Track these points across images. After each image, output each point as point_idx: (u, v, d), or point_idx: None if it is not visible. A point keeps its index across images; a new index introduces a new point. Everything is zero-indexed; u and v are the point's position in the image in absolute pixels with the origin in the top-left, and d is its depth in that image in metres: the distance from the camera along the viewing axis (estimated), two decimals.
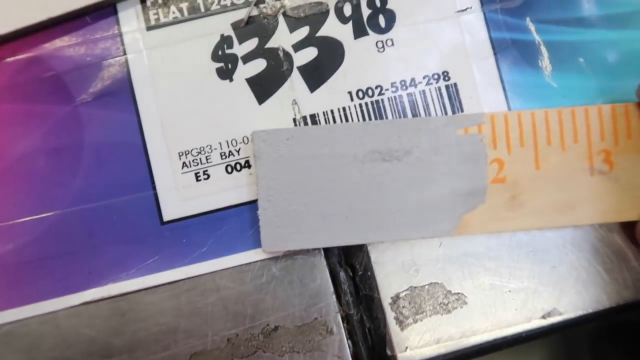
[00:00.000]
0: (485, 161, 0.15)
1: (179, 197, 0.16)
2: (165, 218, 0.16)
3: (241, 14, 0.17)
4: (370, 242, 0.16)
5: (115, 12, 0.17)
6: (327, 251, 0.16)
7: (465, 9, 0.17)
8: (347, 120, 0.16)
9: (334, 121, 0.16)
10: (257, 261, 0.16)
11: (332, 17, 0.17)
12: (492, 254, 0.17)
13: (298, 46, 0.17)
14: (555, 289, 0.16)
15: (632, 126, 0.15)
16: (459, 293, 0.16)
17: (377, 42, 0.17)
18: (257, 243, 0.16)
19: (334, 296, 0.16)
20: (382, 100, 0.16)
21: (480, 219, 0.15)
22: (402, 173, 0.15)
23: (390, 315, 0.16)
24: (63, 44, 0.16)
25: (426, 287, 0.16)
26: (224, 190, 0.16)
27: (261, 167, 0.15)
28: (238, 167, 0.16)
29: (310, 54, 0.17)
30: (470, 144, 0.15)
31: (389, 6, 0.17)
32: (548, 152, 0.15)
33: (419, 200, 0.15)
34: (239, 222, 0.16)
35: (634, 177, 0.15)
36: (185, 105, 0.16)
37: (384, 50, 0.17)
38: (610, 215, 0.16)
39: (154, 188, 0.16)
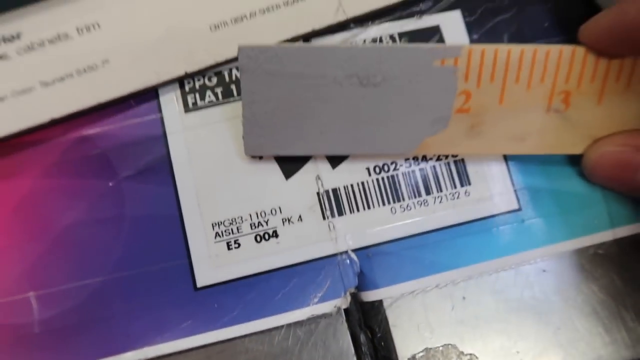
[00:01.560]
0: (455, 93, 0.16)
1: (211, 264, 0.18)
2: (199, 284, 0.17)
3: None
4: (339, 153, 0.17)
5: (157, 96, 0.19)
6: (348, 315, 0.18)
7: None
8: (365, 194, 0.18)
9: (354, 195, 0.18)
10: (283, 325, 0.17)
11: None
12: (500, 317, 0.18)
13: None
14: (560, 349, 0.18)
15: (597, 70, 0.16)
16: (471, 354, 0.18)
17: None
18: (283, 308, 0.17)
19: (354, 357, 0.17)
20: (397, 175, 0.18)
21: (439, 142, 0.17)
22: (377, 98, 0.16)
23: None
24: (109, 125, 0.18)
25: (440, 348, 0.18)
26: (253, 259, 0.18)
27: (245, 82, 0.16)
28: (266, 236, 0.18)
29: None
30: (444, 75, 0.16)
31: None
32: (514, 90, 0.16)
33: (387, 122, 0.16)
34: (266, 288, 0.17)
35: (585, 116, 0.17)
36: (219, 180, 0.18)
37: None
38: (555, 148, 0.17)
39: (189, 256, 0.18)
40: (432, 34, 0.19)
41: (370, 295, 0.18)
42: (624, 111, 0.17)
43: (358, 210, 0.18)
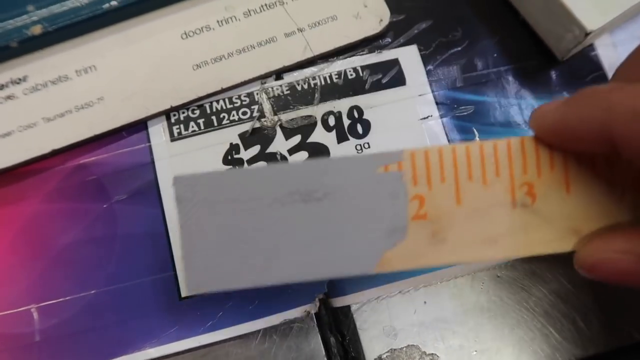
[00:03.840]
0: (406, 199, 0.15)
1: None
2: (183, 295, 0.19)
3: (246, 127, 0.21)
4: (291, 281, 0.15)
5: (146, 128, 0.21)
6: (319, 320, 0.19)
7: (427, 117, 0.21)
8: None
9: None
10: (260, 330, 0.19)
11: (319, 127, 0.21)
12: (459, 319, 0.20)
13: (292, 151, 0.21)
14: (515, 348, 0.19)
15: (554, 157, 0.15)
16: (432, 354, 0.19)
17: (356, 145, 0.21)
18: (258, 315, 0.19)
19: (325, 358, 0.19)
20: None
21: (401, 255, 0.15)
22: (322, 214, 0.15)
23: None
24: (104, 154, 0.21)
25: (404, 349, 0.19)
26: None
27: (182, 212, 0.15)
28: None
29: (302, 156, 0.21)
30: (390, 182, 0.15)
31: (365, 117, 0.21)
32: (469, 187, 0.15)
33: (339, 239, 0.15)
34: (244, 297, 0.19)
35: (557, 208, 0.15)
36: None
37: (362, 150, 0.21)
38: (535, 247, 0.15)
39: (174, 269, 0.19)
40: (392, 65, 0.22)
41: (339, 301, 0.20)
42: (599, 195, 0.15)
43: None
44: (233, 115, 0.21)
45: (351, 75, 0.22)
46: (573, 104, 0.14)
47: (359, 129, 0.21)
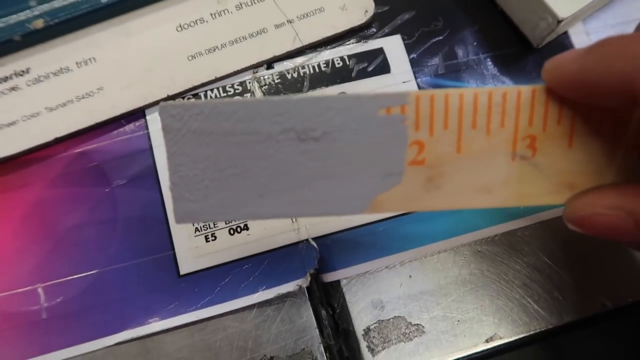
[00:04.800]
0: (405, 144, 0.14)
1: (192, 255, 0.20)
2: (182, 272, 0.20)
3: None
4: (282, 216, 0.15)
5: (144, 116, 0.22)
6: (311, 294, 0.20)
7: None
8: None
9: None
10: (254, 304, 0.20)
11: None
12: (442, 291, 0.21)
13: None
14: (495, 317, 0.20)
15: (563, 111, 0.14)
16: (418, 324, 0.20)
17: None
18: (254, 290, 0.20)
19: (317, 330, 0.20)
20: None
21: (394, 199, 0.15)
22: (318, 154, 0.14)
23: (363, 345, 0.20)
24: (104, 142, 0.22)
25: (391, 320, 0.20)
26: (227, 249, 0.21)
27: (170, 143, 0.14)
28: (239, 229, 0.21)
29: None
30: (391, 126, 0.14)
31: None
32: (472, 136, 0.14)
33: (333, 180, 0.14)
34: (239, 274, 0.20)
35: (556, 162, 0.15)
36: None
37: None
38: (527, 199, 0.15)
39: (173, 249, 0.21)
40: (377, 54, 0.23)
41: (329, 277, 0.21)
42: (600, 154, 0.15)
43: None
44: None
45: (338, 64, 0.23)
46: (595, 53, 0.13)
47: None
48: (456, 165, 0.15)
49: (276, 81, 0.22)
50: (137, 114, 0.22)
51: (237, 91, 0.22)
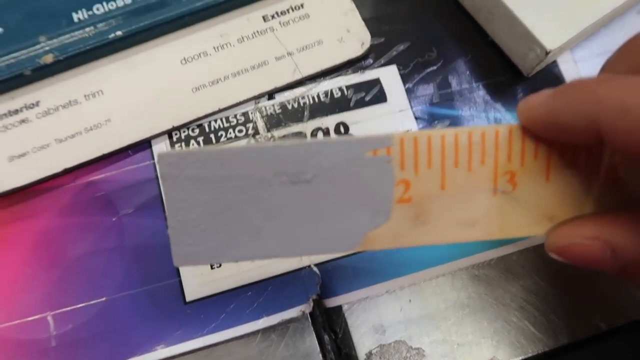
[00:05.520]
0: (392, 183, 0.15)
1: (197, 282, 0.21)
2: (188, 299, 0.21)
3: (242, 143, 0.23)
4: (277, 257, 0.16)
5: (150, 146, 0.23)
6: (313, 319, 0.21)
7: (407, 131, 0.23)
8: None
9: None
10: (259, 330, 0.21)
11: None
12: (442, 315, 0.21)
13: None
14: (494, 340, 0.21)
15: (539, 147, 0.15)
16: (418, 348, 0.21)
17: None
18: (258, 315, 0.21)
19: (320, 355, 0.20)
20: None
21: (383, 236, 0.15)
22: (310, 195, 0.15)
23: None
24: (111, 172, 0.22)
25: (392, 344, 0.21)
26: (232, 276, 0.21)
27: (167, 189, 0.15)
28: None
29: None
30: (378, 166, 0.15)
31: (350, 132, 0.23)
32: (455, 173, 0.15)
33: (325, 220, 0.15)
34: (243, 300, 0.21)
35: (535, 195, 0.16)
36: None
37: None
38: (509, 231, 0.16)
39: (179, 276, 0.21)
40: (374, 84, 0.24)
41: (331, 302, 0.21)
42: (576, 186, 0.16)
43: None
44: (230, 133, 0.23)
45: (337, 94, 0.24)
46: (561, 97, 0.14)
47: None
48: (441, 201, 0.15)
49: (277, 111, 0.23)
50: (144, 145, 0.23)
51: (239, 121, 0.23)
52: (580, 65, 0.24)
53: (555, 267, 0.22)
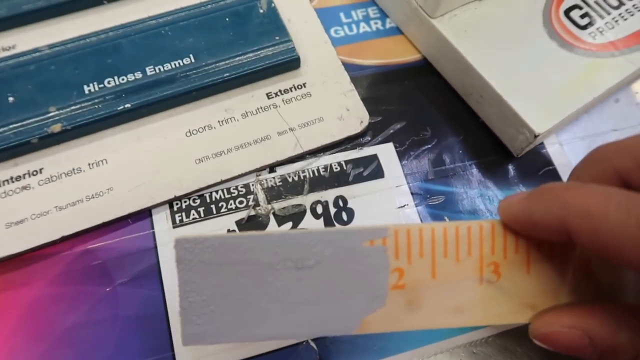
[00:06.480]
0: (387, 271, 0.16)
1: (192, 356, 0.20)
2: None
3: (243, 215, 0.23)
4: (281, 338, 0.17)
5: (150, 215, 0.23)
6: None
7: (404, 206, 0.24)
8: None
9: None
10: None
11: (308, 214, 0.23)
12: None
13: None
14: None
15: (519, 242, 0.17)
16: None
17: None
18: None
19: None
20: None
21: (380, 319, 0.17)
22: (312, 280, 0.16)
23: None
24: (110, 240, 0.22)
25: None
26: (227, 350, 0.21)
27: (182, 272, 0.16)
28: None
29: None
30: (375, 255, 0.16)
31: (349, 206, 0.24)
32: (444, 263, 0.17)
33: (325, 303, 0.16)
34: None
35: (518, 286, 0.17)
36: None
37: None
38: (495, 318, 0.17)
39: (172, 350, 0.20)
40: (372, 160, 0.25)
41: None
42: (554, 277, 0.17)
43: None
44: (230, 204, 0.23)
45: (336, 168, 0.24)
46: (534, 199, 0.16)
47: (344, 216, 0.23)
48: (432, 289, 0.17)
49: (278, 184, 0.24)
50: (144, 213, 0.23)
51: (240, 193, 0.23)
52: (565, 147, 0.26)
53: None
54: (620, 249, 0.14)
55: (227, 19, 0.26)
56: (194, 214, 0.23)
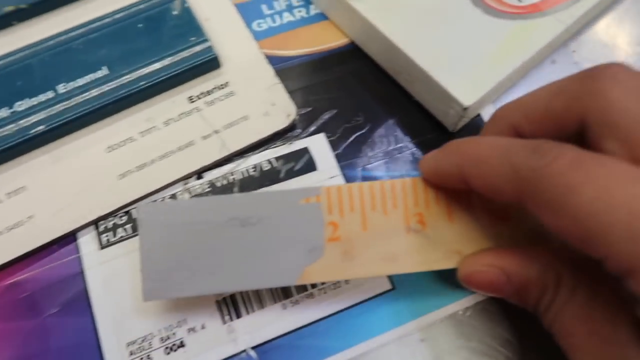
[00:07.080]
0: (322, 224, 0.18)
1: None
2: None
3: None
4: (230, 290, 0.19)
5: (75, 239, 0.22)
6: None
7: None
8: (259, 295, 0.21)
9: (249, 298, 0.21)
10: None
11: None
12: None
13: None
14: None
15: (439, 194, 0.19)
16: None
17: None
18: None
19: None
20: None
21: (319, 270, 0.18)
22: (256, 236, 0.18)
23: None
24: (36, 270, 0.21)
25: None
26: None
27: (142, 234, 0.18)
28: (174, 347, 0.20)
29: None
30: (311, 211, 0.18)
31: None
32: (372, 216, 0.19)
33: (268, 257, 0.18)
34: None
35: (442, 234, 0.19)
36: (132, 303, 0.21)
37: None
38: (425, 265, 0.19)
39: None
40: (303, 153, 0.24)
41: None
42: (475, 226, 0.19)
43: (254, 310, 0.21)
44: None
45: (266, 167, 0.23)
46: (440, 153, 0.18)
47: None
48: (364, 239, 0.19)
49: (206, 190, 0.23)
50: (69, 238, 0.22)
51: None
52: None
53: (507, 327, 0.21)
54: (500, 187, 0.16)
55: (140, 25, 0.25)
56: (120, 232, 0.22)
